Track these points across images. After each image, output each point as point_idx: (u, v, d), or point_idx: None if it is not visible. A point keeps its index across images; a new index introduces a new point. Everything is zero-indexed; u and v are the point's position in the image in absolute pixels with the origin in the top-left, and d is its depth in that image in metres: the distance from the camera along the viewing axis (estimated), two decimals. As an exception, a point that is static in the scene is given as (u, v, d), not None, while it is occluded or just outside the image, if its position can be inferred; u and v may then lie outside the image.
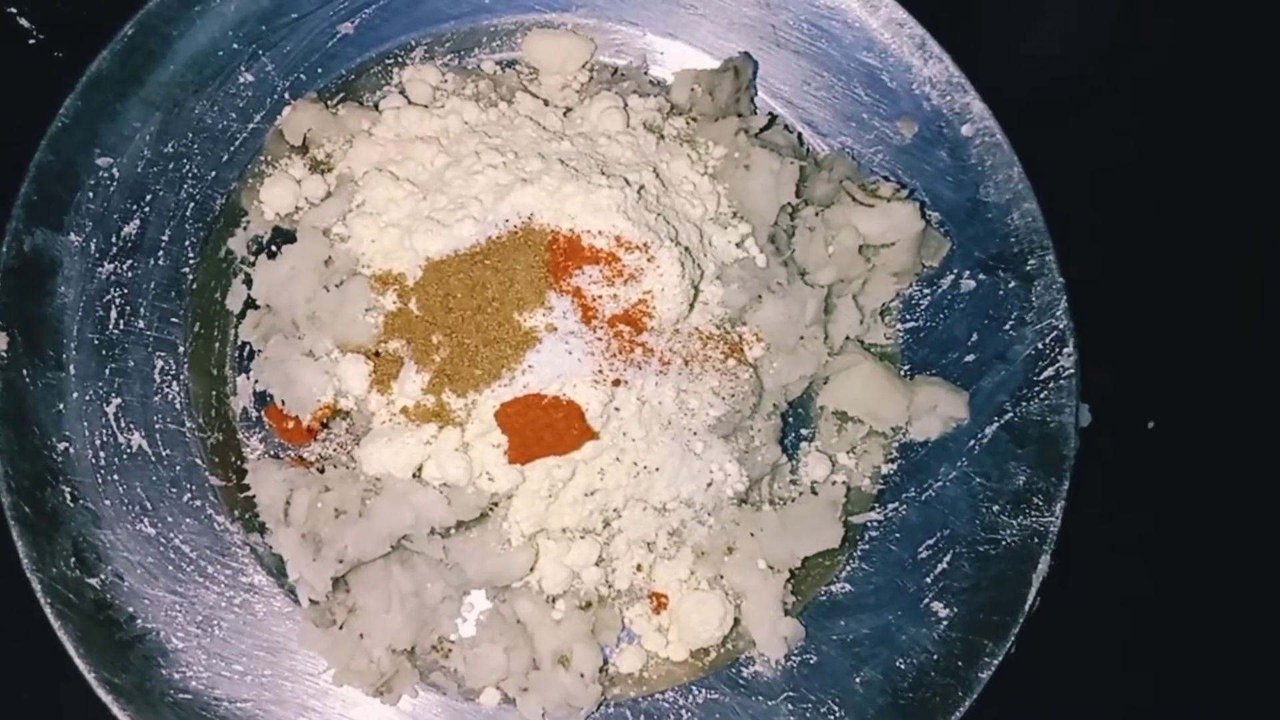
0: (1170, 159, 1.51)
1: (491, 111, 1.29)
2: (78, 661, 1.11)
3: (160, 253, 1.24)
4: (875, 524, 1.26)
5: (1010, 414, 1.27)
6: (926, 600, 1.22)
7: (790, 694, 1.19)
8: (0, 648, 1.22)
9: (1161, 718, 1.34)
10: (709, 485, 1.20)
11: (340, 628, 1.15)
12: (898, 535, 1.25)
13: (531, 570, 1.18)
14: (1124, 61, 1.56)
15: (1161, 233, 1.47)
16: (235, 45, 1.28)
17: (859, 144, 1.35)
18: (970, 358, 1.29)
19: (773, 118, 1.35)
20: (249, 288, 1.25)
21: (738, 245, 1.27)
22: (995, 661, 1.18)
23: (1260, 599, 1.36)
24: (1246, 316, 1.47)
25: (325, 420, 1.21)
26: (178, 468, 1.19)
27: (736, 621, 1.21)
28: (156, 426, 1.20)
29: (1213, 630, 1.36)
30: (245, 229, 1.27)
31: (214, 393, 1.24)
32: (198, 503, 1.19)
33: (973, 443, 1.27)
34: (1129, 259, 1.45)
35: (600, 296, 1.16)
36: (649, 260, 1.17)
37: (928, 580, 1.23)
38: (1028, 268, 1.29)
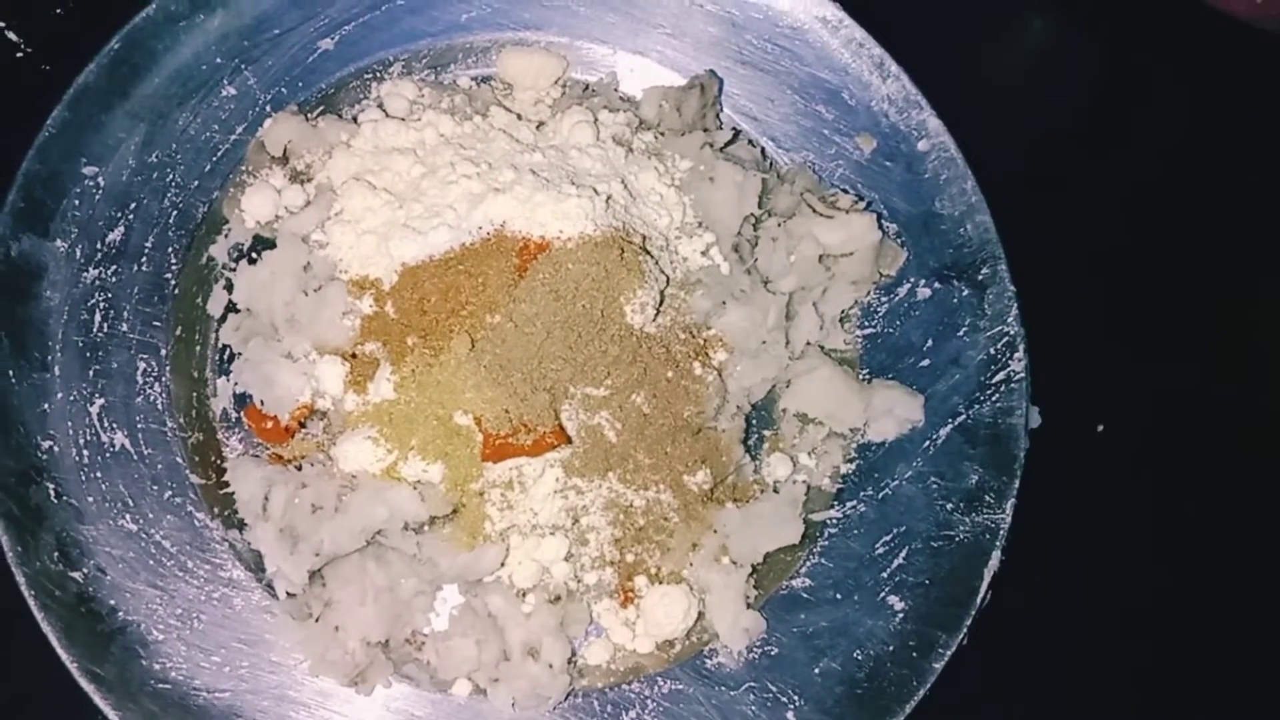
0: (1120, 169, 1.57)
1: (466, 125, 1.33)
2: (61, 653, 1.13)
3: (143, 259, 1.27)
4: (834, 521, 1.30)
5: (964, 416, 1.32)
6: (883, 594, 1.26)
7: (752, 684, 1.23)
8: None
9: (1105, 703, 1.38)
10: (675, 484, 1.25)
11: (316, 620, 1.18)
12: (856, 532, 1.30)
13: (502, 565, 1.22)
14: (1075, 74, 1.63)
15: (1110, 241, 1.53)
16: (218, 60, 1.32)
17: (820, 158, 1.41)
18: (925, 362, 1.34)
19: (737, 133, 1.40)
20: (229, 293, 1.29)
21: (703, 254, 1.32)
22: (948, 652, 1.22)
23: (1202, 596, 1.41)
24: (1193, 323, 1.53)
25: (303, 420, 1.25)
26: (159, 466, 1.23)
27: (701, 615, 1.25)
28: (138, 426, 1.23)
29: (1156, 625, 1.41)
30: (226, 236, 1.31)
31: (195, 394, 1.27)
32: (178, 500, 1.22)
33: (928, 443, 1.31)
34: (1079, 268, 1.50)
35: (569, 301, 1.20)
36: (617, 267, 1.21)
37: (884, 575, 1.27)
38: (980, 277, 1.35)
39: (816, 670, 1.24)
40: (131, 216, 1.28)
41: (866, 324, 1.37)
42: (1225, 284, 1.55)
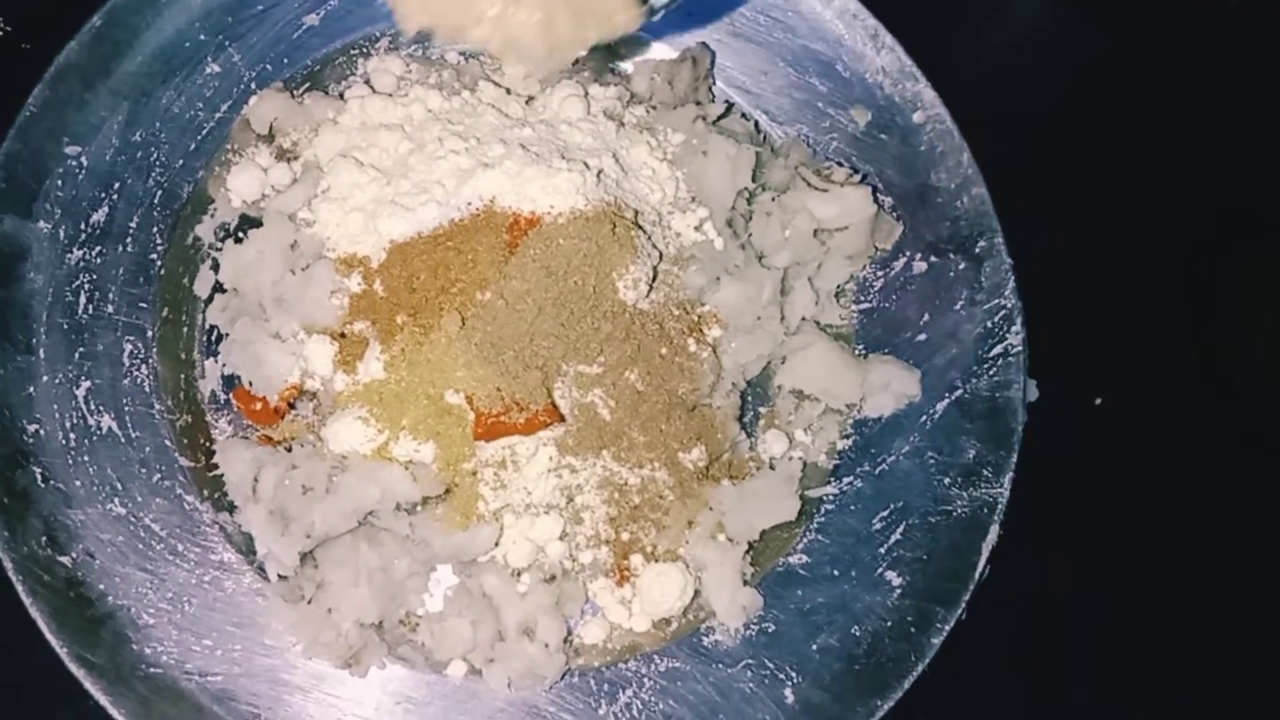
0: (1116, 140, 1.55)
1: (455, 100, 1.31)
2: (50, 638, 1.12)
3: (128, 239, 1.26)
4: (831, 497, 1.29)
5: (961, 390, 1.30)
6: (881, 570, 1.26)
7: (749, 661, 1.22)
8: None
9: (1105, 677, 1.38)
10: (670, 461, 1.24)
11: (309, 603, 1.17)
12: (853, 508, 1.29)
13: (497, 545, 1.21)
14: (1071, 46, 1.61)
15: (1108, 214, 1.52)
16: (202, 36, 1.30)
17: (814, 131, 1.39)
18: (922, 337, 1.33)
19: (730, 106, 1.39)
20: (216, 273, 1.27)
21: (696, 229, 1.30)
22: (947, 628, 1.22)
23: (1201, 568, 1.41)
24: (1191, 296, 1.52)
25: (292, 401, 1.23)
26: (147, 449, 1.21)
27: (697, 593, 1.24)
28: (126, 409, 1.22)
29: (1155, 599, 1.40)
30: (212, 216, 1.29)
31: (182, 375, 1.26)
32: (167, 483, 1.21)
33: (925, 418, 1.30)
34: (1076, 241, 1.49)
35: (561, 277, 1.19)
36: (609, 242, 1.20)
37: (882, 550, 1.26)
38: (977, 250, 1.33)
39: (814, 647, 1.23)
40: (115, 196, 1.26)
41: (862, 299, 1.36)
42: (1222, 257, 1.54)
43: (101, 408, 1.21)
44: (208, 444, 1.24)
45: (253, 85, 1.32)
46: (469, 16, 0.99)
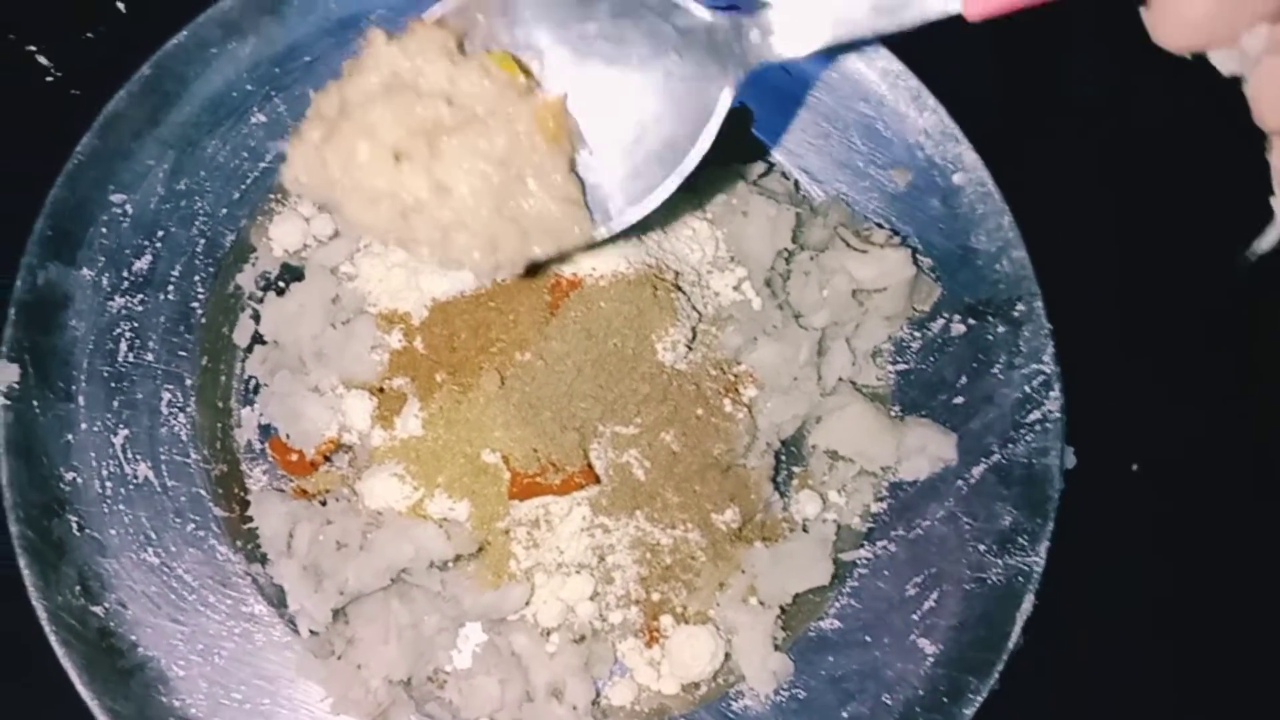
0: (1159, 205, 1.54)
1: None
2: (80, 689, 1.12)
3: (170, 287, 1.27)
4: (864, 561, 1.28)
5: (997, 455, 1.29)
6: (913, 637, 1.24)
7: (779, 729, 1.22)
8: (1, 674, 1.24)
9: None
10: (703, 522, 1.23)
11: (338, 658, 1.17)
12: (886, 573, 1.27)
13: (527, 604, 1.20)
14: (1111, 113, 1.60)
15: (1147, 278, 1.51)
16: (249, 87, 1.31)
17: (854, 191, 1.39)
18: (959, 400, 1.32)
19: (770, 165, 1.38)
20: (256, 323, 1.28)
21: (734, 289, 1.30)
22: (979, 698, 1.20)
23: (1240, 637, 1.39)
24: (1231, 362, 1.51)
25: (328, 454, 1.24)
26: (182, 498, 1.22)
27: (727, 656, 1.23)
28: (163, 457, 1.22)
29: (1193, 668, 1.38)
30: (254, 265, 1.30)
31: (219, 425, 1.26)
32: (201, 533, 1.21)
33: (960, 483, 1.29)
34: (1114, 304, 1.48)
35: (600, 337, 1.19)
36: (648, 303, 1.20)
37: (915, 617, 1.25)
38: (1015, 313, 1.32)
39: (845, 715, 1.22)
40: (159, 245, 1.27)
41: (899, 360, 1.35)
42: (1265, 321, 1.52)
43: (138, 456, 1.22)
44: (242, 494, 1.24)
45: (297, 135, 1.33)
46: (409, 236, 0.98)
